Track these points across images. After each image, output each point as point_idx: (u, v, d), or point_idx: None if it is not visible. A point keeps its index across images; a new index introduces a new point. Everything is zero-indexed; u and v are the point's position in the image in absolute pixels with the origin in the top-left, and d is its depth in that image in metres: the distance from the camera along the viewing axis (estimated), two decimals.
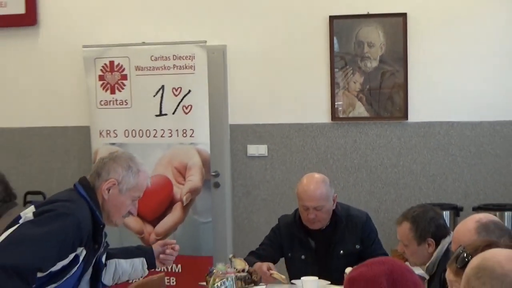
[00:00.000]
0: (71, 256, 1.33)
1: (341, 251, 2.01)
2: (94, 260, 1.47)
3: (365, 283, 0.84)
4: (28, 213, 1.30)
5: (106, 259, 1.54)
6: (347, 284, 0.90)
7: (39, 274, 1.22)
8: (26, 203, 2.59)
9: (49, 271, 1.27)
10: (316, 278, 1.77)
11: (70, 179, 2.33)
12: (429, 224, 1.62)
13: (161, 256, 1.62)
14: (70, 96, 3.14)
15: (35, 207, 1.33)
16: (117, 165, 1.47)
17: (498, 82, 2.72)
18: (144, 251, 1.63)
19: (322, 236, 2.05)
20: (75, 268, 1.38)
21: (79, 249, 1.37)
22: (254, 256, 2.09)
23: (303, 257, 2.04)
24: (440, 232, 1.63)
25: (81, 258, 1.39)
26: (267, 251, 2.13)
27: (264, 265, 1.94)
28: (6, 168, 2.27)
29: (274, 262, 2.07)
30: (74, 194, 1.42)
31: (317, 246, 2.06)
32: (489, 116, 2.72)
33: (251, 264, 1.94)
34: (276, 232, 2.18)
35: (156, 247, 1.64)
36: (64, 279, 1.37)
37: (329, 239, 2.04)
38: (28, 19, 3.14)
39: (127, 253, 1.62)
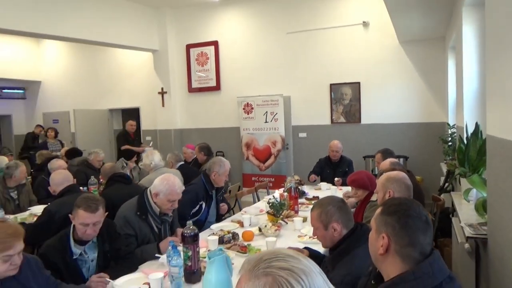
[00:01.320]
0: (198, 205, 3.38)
1: (340, 170, 5.27)
2: (208, 209, 3.39)
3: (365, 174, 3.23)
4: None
5: None
6: (352, 182, 3.29)
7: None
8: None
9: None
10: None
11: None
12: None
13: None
14: (234, 119, 7.95)
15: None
16: (214, 164, 3.44)
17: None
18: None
19: (334, 165, 5.27)
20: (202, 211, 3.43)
21: (201, 202, 3.38)
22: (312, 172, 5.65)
23: (328, 171, 5.22)
24: None
25: (203, 207, 3.40)
26: (316, 171, 5.33)
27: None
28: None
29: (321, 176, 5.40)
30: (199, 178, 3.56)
31: (333, 168, 5.43)
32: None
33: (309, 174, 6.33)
34: (319, 163, 5.39)
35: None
36: (196, 217, 3.34)
37: (337, 166, 5.36)
38: (217, 88, 8.09)
39: None
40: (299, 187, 4.08)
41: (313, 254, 2.29)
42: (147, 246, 2.63)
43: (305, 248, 2.40)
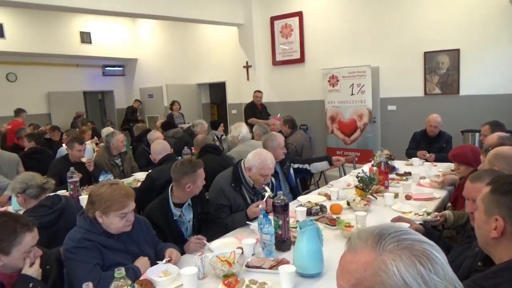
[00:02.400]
0: None
1: (437, 146, 4.72)
2: (279, 183, 3.33)
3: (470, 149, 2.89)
4: None
5: None
6: (454, 156, 3.03)
7: None
8: None
9: None
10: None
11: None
12: None
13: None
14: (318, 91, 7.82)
15: None
16: (266, 141, 3.58)
17: None
18: None
19: (430, 140, 4.78)
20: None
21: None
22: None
23: (423, 145, 4.84)
24: None
25: (273, 181, 3.10)
26: (412, 147, 4.87)
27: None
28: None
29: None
30: None
31: (429, 143, 4.83)
32: None
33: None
34: (414, 137, 4.91)
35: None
36: None
37: (434, 141, 4.79)
38: (301, 60, 7.96)
39: None
40: (389, 161, 3.90)
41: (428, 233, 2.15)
42: (237, 214, 2.75)
43: (421, 224, 2.30)
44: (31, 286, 1.65)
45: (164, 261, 1.99)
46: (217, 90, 10.98)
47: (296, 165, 3.75)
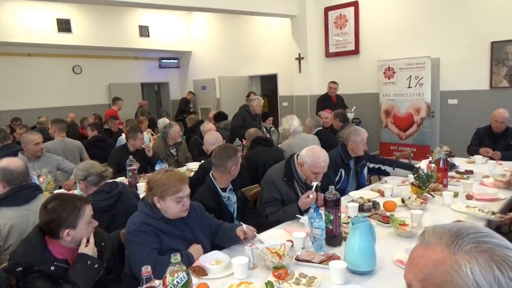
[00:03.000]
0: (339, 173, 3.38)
1: (503, 143, 4.32)
2: (348, 178, 3.43)
3: None
4: None
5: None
6: None
7: None
8: None
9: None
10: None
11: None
12: None
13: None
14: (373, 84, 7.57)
15: None
16: (350, 134, 3.42)
17: None
18: None
19: (496, 136, 4.41)
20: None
21: (341, 169, 3.37)
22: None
23: (487, 142, 4.42)
24: None
25: (343, 175, 3.38)
26: (475, 143, 4.53)
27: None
28: None
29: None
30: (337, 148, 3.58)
31: (494, 139, 4.40)
32: None
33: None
34: (477, 133, 4.57)
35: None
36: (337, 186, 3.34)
37: (499, 138, 4.38)
38: (355, 51, 7.74)
39: None
40: (449, 158, 3.69)
41: None
42: (288, 206, 2.74)
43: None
44: (89, 263, 1.81)
45: (247, 246, 2.01)
46: (268, 83, 10.99)
47: (372, 165, 3.67)
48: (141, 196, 2.97)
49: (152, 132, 6.68)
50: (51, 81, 10.07)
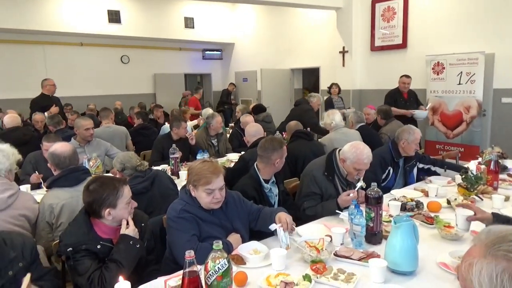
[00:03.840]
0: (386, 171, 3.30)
1: None
2: (395, 177, 3.35)
3: None
4: None
5: None
6: None
7: None
8: None
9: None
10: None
11: None
12: None
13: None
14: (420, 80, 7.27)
15: None
16: (404, 132, 3.29)
17: None
18: None
19: None
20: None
21: (389, 168, 3.30)
22: None
23: None
24: None
25: (391, 173, 3.32)
26: None
27: None
28: None
29: None
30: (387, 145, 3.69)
31: None
32: None
33: None
34: None
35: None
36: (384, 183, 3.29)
37: None
38: (403, 45, 7.47)
39: None
40: (501, 160, 3.50)
41: None
42: (327, 202, 2.72)
43: None
44: (131, 243, 1.90)
45: (278, 225, 2.04)
46: (310, 76, 10.87)
47: (422, 165, 3.56)
48: (182, 184, 3.07)
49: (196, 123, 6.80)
50: (100, 70, 10.51)
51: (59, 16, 9.11)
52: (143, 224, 2.09)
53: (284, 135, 4.84)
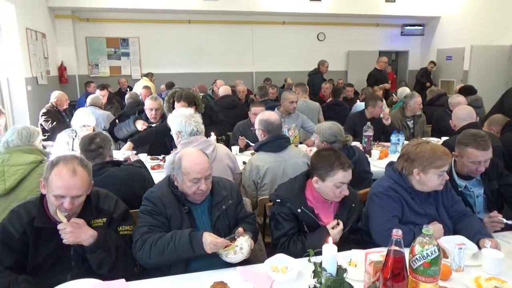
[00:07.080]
0: None
1: None
2: None
3: None
4: None
5: None
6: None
7: None
8: None
9: None
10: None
11: None
12: None
13: None
14: None
15: None
16: None
17: None
18: None
19: None
20: None
21: None
22: None
23: None
24: None
25: None
26: None
27: None
28: None
29: None
30: None
31: None
32: None
33: None
34: None
35: None
36: None
37: None
38: None
39: None
40: None
41: None
42: None
43: None
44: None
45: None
46: None
47: None
48: (375, 163, 3.14)
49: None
50: (298, 47, 11.06)
51: None
52: (353, 205, 2.11)
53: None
